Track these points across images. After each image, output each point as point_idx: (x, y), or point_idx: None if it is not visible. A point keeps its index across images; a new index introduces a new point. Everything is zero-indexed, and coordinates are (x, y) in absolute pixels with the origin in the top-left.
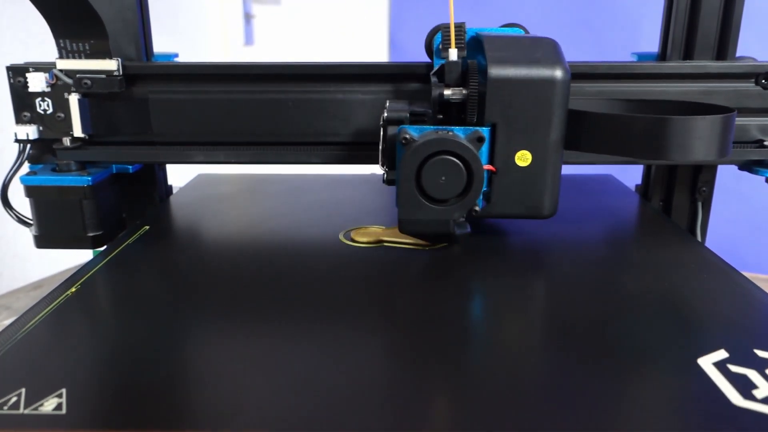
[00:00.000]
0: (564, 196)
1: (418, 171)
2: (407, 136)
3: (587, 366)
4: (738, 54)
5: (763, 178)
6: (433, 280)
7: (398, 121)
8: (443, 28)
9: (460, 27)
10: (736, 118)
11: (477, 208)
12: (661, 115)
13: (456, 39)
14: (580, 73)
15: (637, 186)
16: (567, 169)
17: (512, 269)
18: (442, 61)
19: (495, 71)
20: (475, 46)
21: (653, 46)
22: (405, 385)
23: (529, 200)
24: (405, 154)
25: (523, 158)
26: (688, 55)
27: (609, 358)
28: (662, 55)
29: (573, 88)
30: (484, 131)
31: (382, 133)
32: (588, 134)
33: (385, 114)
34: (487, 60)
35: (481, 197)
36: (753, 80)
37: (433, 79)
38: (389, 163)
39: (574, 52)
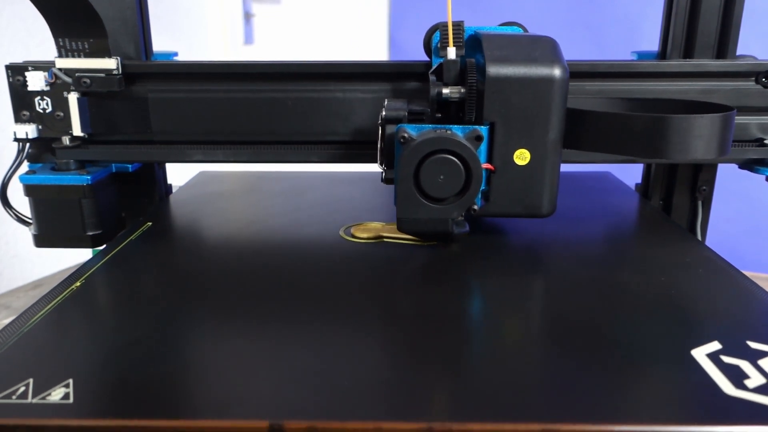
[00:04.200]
0: (563, 193)
1: (416, 170)
2: (405, 135)
3: (584, 358)
4: (738, 52)
5: (763, 177)
6: (432, 275)
7: (396, 120)
8: (441, 27)
9: (458, 26)
10: (737, 117)
11: (475, 207)
12: (661, 113)
13: (454, 38)
14: (581, 72)
15: (637, 185)
16: (565, 168)
17: (512, 265)
18: (441, 60)
19: (493, 70)
20: (473, 44)
21: (653, 44)
22: (403, 376)
23: (527, 199)
24: (403, 152)
25: (522, 157)
26: (688, 53)
27: (605, 351)
28: (662, 54)
29: (573, 87)
30: (483, 130)
31: (380, 131)
32: (587, 133)
33: (384, 113)
34: (485, 58)
35: (479, 196)
36: (753, 79)
37: (432, 77)
38: (387, 162)
39: (574, 51)
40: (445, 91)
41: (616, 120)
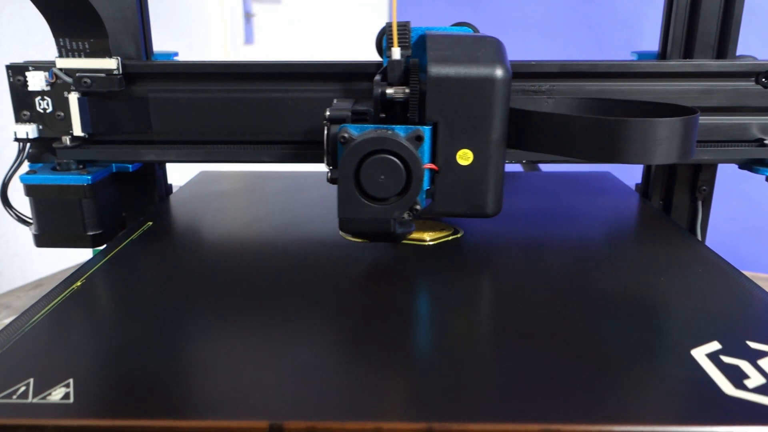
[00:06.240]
0: (563, 193)
1: (356, 170)
2: (346, 135)
3: (584, 358)
4: (738, 52)
5: (763, 177)
6: (431, 276)
7: (340, 120)
8: (388, 28)
9: (404, 26)
10: (736, 117)
11: (419, 207)
12: (622, 117)
13: (399, 38)
14: (581, 72)
15: (637, 185)
16: (565, 167)
17: (511, 265)
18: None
19: (435, 69)
20: (421, 45)
21: (653, 44)
22: (403, 376)
23: (472, 199)
24: (343, 153)
25: (465, 157)
26: (688, 53)
27: (605, 351)
28: (662, 54)
29: (573, 87)
30: (425, 130)
31: (325, 131)
32: (532, 134)
33: (328, 113)
34: (427, 58)
35: (424, 195)
36: (753, 79)
37: (377, 78)
38: (333, 162)
39: (574, 51)
40: (389, 91)
41: (559, 121)
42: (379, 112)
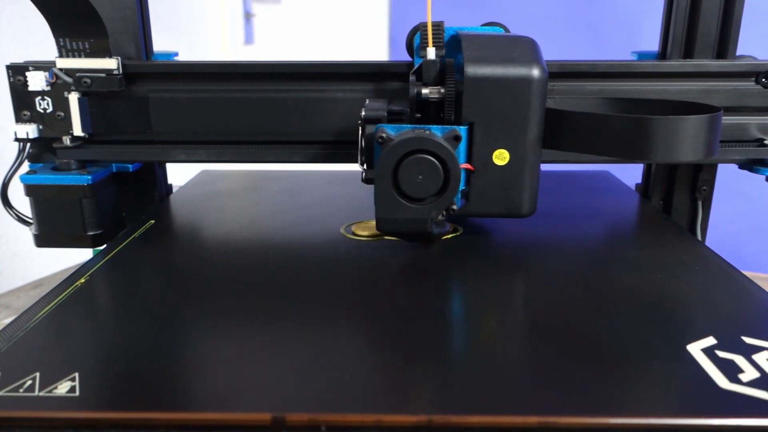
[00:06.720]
0: (563, 193)
1: (394, 170)
2: (384, 135)
3: (582, 353)
4: (738, 52)
5: (763, 177)
6: (432, 273)
7: (376, 120)
8: (422, 28)
9: (438, 26)
10: (736, 117)
11: (455, 207)
12: (648, 115)
13: (434, 38)
14: (581, 72)
15: (637, 185)
16: (564, 167)
17: (512, 264)
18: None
19: (471, 70)
20: (454, 45)
21: (653, 44)
22: (403, 370)
23: (507, 199)
24: (381, 153)
25: (501, 157)
26: (688, 53)
27: (603, 346)
28: (662, 54)
29: (573, 87)
30: (462, 130)
31: (360, 131)
32: (567, 133)
33: (363, 113)
34: (464, 58)
35: (459, 196)
36: (753, 79)
37: (412, 78)
38: (367, 162)
39: (574, 51)
40: (425, 91)
41: (595, 121)
42: (414, 112)
